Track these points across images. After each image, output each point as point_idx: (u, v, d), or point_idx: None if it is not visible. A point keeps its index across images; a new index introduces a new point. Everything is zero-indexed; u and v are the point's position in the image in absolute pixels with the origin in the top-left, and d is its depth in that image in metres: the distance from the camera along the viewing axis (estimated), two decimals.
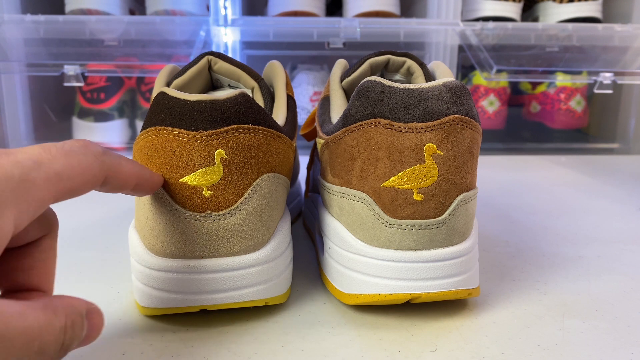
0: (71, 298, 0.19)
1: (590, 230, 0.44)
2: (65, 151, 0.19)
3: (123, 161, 0.22)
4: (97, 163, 0.20)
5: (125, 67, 0.72)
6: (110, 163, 0.21)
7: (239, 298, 0.27)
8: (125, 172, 0.22)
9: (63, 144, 0.19)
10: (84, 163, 0.19)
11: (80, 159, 0.19)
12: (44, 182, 0.17)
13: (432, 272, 0.27)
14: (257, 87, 0.33)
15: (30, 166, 0.17)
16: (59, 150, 0.19)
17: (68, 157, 0.19)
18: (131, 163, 0.23)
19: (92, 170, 0.19)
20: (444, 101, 0.27)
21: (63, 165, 0.18)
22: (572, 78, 0.84)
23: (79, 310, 0.19)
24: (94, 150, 0.20)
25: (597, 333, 0.27)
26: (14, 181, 0.16)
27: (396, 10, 0.84)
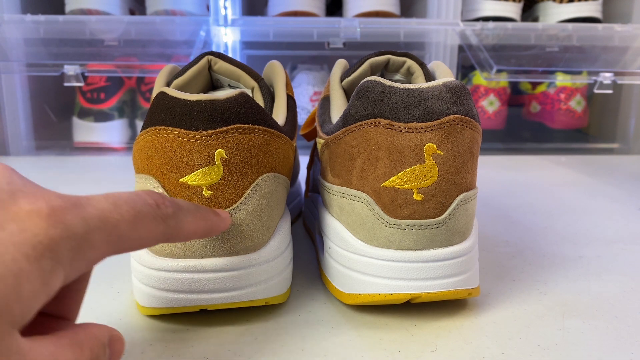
0: (94, 327, 0.19)
1: (590, 230, 0.44)
2: (135, 211, 0.18)
3: (190, 219, 0.21)
4: (161, 227, 0.19)
5: (125, 67, 0.72)
6: (175, 226, 0.20)
7: (239, 298, 0.27)
8: (189, 231, 0.21)
9: (136, 201, 0.18)
10: (149, 227, 0.19)
11: (147, 222, 0.18)
12: (104, 244, 0.17)
13: (432, 272, 0.27)
14: (257, 87, 0.33)
15: (95, 225, 0.17)
16: (129, 210, 0.18)
17: (136, 219, 0.18)
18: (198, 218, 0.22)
19: (154, 234, 0.19)
20: (444, 101, 0.27)
21: (127, 229, 0.18)
22: (572, 78, 0.84)
23: (102, 341, 0.19)
24: (164, 211, 0.19)
25: (597, 333, 0.27)
26: (76, 240, 0.16)
27: (396, 10, 0.84)
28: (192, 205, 0.22)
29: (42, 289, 0.15)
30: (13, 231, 0.15)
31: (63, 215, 0.16)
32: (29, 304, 0.15)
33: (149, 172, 0.26)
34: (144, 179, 0.26)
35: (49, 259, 0.15)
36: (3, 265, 0.14)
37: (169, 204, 0.20)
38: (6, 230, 0.15)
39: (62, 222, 0.16)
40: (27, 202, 0.16)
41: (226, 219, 0.24)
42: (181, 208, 0.21)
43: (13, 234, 0.15)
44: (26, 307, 0.15)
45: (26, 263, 0.15)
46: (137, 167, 0.27)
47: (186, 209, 0.21)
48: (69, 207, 0.16)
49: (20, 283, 0.14)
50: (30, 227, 0.15)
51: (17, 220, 0.15)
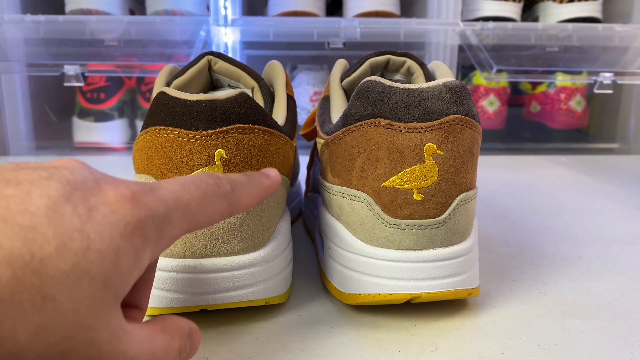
0: (177, 319, 0.20)
1: (590, 230, 0.44)
2: (200, 190, 0.19)
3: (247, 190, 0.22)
4: (225, 203, 0.20)
5: (125, 67, 0.72)
6: (236, 201, 0.21)
7: (239, 298, 0.27)
8: (248, 203, 0.22)
9: (200, 181, 0.20)
10: (215, 204, 0.20)
11: (213, 200, 0.20)
12: (180, 222, 0.18)
13: (432, 272, 0.27)
14: (257, 87, 0.33)
15: (172, 205, 0.18)
16: (197, 189, 0.19)
17: (204, 199, 0.19)
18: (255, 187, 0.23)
19: (220, 211, 0.20)
20: (444, 101, 0.27)
21: (197, 207, 0.19)
22: (572, 78, 0.84)
23: (185, 331, 0.20)
24: (224, 189, 0.20)
25: (597, 333, 0.27)
26: (158, 219, 0.17)
27: (396, 10, 0.84)
28: (245, 177, 0.23)
29: (135, 264, 0.16)
30: (105, 213, 0.16)
31: (144, 198, 0.17)
32: (127, 278, 0.16)
33: (148, 172, 0.26)
34: (143, 179, 0.26)
35: (139, 237, 0.16)
36: (103, 243, 0.15)
37: (226, 182, 0.21)
38: (100, 212, 0.16)
39: (145, 203, 0.17)
40: (111, 187, 0.17)
41: (276, 178, 0.25)
42: (237, 183, 0.22)
43: (106, 215, 0.16)
44: (125, 281, 0.16)
45: (121, 240, 0.16)
46: (137, 167, 0.27)
47: (241, 182, 0.22)
48: (146, 190, 0.18)
49: (119, 258, 0.16)
50: (119, 209, 0.16)
51: (107, 204, 0.16)
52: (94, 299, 0.15)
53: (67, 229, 0.15)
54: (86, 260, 0.15)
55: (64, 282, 0.14)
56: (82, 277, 0.15)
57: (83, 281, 0.15)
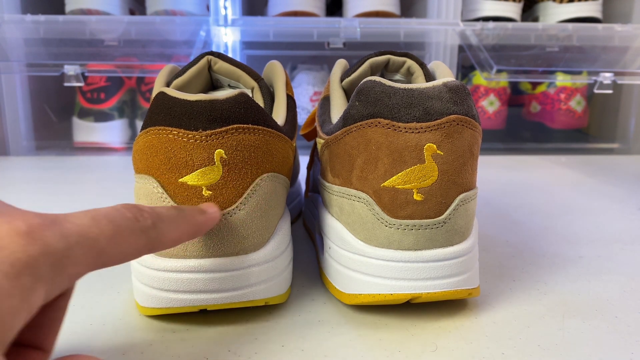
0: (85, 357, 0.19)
1: (590, 230, 0.44)
2: (114, 225, 0.18)
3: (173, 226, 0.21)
4: (143, 240, 0.19)
5: (125, 67, 0.72)
6: (156, 237, 0.20)
7: (239, 298, 0.27)
8: (173, 238, 0.21)
9: (114, 215, 0.19)
10: (129, 240, 0.19)
11: (126, 235, 0.19)
12: (83, 259, 0.17)
13: (432, 272, 0.27)
14: (257, 87, 0.33)
15: (75, 241, 0.17)
16: (108, 224, 0.18)
17: (115, 233, 0.18)
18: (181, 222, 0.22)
19: (135, 247, 0.19)
20: (444, 101, 0.27)
21: (107, 242, 0.18)
22: (572, 78, 0.84)
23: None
24: (143, 224, 0.19)
25: (597, 333, 0.27)
26: (55, 257, 0.16)
27: (396, 10, 0.84)
28: (174, 212, 0.22)
29: (22, 306, 0.15)
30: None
31: (41, 232, 0.16)
32: (10, 321, 0.15)
33: (148, 172, 0.26)
34: (143, 179, 0.26)
35: (28, 275, 0.15)
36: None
37: (147, 216, 0.20)
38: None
39: (41, 238, 0.16)
40: (4, 221, 0.16)
41: (213, 215, 0.24)
42: (161, 218, 0.21)
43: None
44: (7, 324, 0.15)
45: (5, 281, 0.14)
46: (136, 167, 0.27)
47: (167, 218, 0.21)
48: (47, 224, 0.16)
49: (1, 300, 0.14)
50: (8, 245, 0.15)
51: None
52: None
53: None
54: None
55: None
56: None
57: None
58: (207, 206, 0.25)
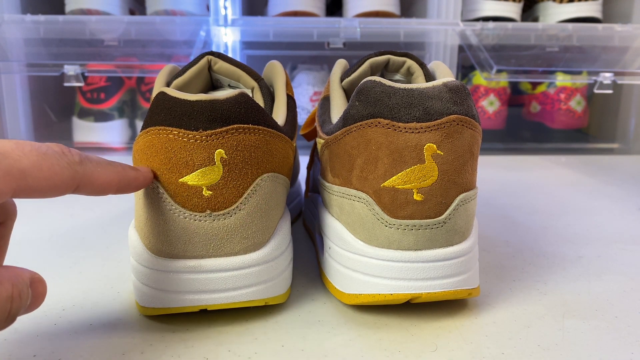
0: (16, 268, 0.19)
1: (590, 230, 0.44)
2: (39, 152, 0.19)
3: (101, 169, 0.22)
4: (68, 171, 0.20)
5: (125, 67, 0.72)
6: (83, 172, 0.21)
7: (239, 298, 0.27)
8: (101, 180, 0.22)
9: (40, 145, 0.19)
10: (55, 168, 0.19)
11: (52, 163, 0.19)
12: (3, 174, 0.18)
13: (432, 272, 0.27)
14: (257, 87, 0.33)
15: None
16: (33, 150, 0.19)
17: (39, 158, 0.19)
18: (111, 170, 0.22)
19: (61, 176, 0.19)
20: (444, 101, 0.27)
21: (31, 164, 0.18)
22: (572, 78, 0.84)
23: (24, 279, 0.19)
24: (70, 158, 0.20)
25: (597, 333, 0.27)
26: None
27: (396, 10, 0.84)
28: (105, 160, 0.23)
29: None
30: None
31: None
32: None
33: None
34: None
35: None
36: None
37: (75, 154, 0.21)
38: None
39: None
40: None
41: (145, 173, 0.24)
42: (90, 158, 0.21)
43: None
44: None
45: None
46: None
47: (95, 160, 0.22)
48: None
49: None
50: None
51: None
52: None
53: None
54: None
55: None
56: None
57: None
58: (141, 167, 0.25)
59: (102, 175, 0.22)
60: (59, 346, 0.26)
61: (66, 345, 0.26)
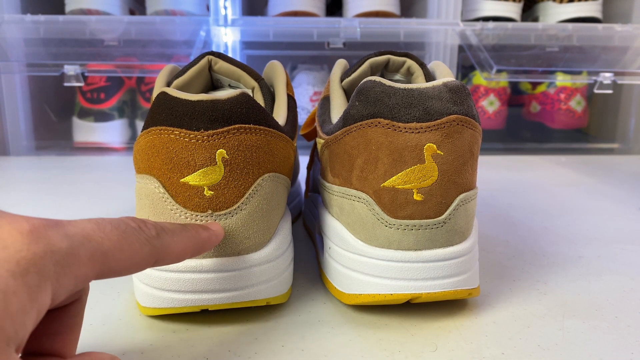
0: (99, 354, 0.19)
1: (590, 230, 0.44)
2: (119, 231, 0.18)
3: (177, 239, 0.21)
4: (148, 247, 0.19)
5: (125, 67, 0.72)
6: (161, 246, 0.20)
7: (240, 298, 0.27)
8: (178, 251, 0.21)
9: (119, 223, 0.19)
10: (135, 247, 0.19)
11: (132, 241, 0.19)
12: (89, 260, 0.17)
13: (432, 272, 0.27)
14: (258, 87, 0.33)
15: (79, 242, 0.17)
16: (113, 230, 0.18)
17: (120, 239, 0.18)
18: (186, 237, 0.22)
19: (141, 255, 0.19)
20: (444, 101, 0.27)
21: (112, 246, 0.18)
22: (572, 78, 0.84)
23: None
24: (148, 233, 0.20)
25: (597, 333, 0.27)
26: (60, 255, 0.16)
27: (396, 10, 0.84)
28: (178, 226, 0.22)
29: (30, 304, 0.15)
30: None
31: (44, 232, 0.16)
32: (20, 320, 0.15)
33: (150, 172, 0.26)
34: (145, 179, 0.26)
35: (34, 273, 0.15)
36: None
37: (151, 227, 0.20)
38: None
39: (44, 237, 0.16)
40: (5, 222, 0.16)
41: (218, 232, 0.24)
42: (165, 230, 0.21)
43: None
44: (17, 323, 0.15)
45: (11, 279, 0.15)
46: (138, 167, 0.27)
47: (171, 230, 0.21)
48: (50, 225, 0.16)
49: (8, 299, 0.14)
50: (12, 244, 0.15)
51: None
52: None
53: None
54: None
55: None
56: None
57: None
58: (211, 224, 0.25)
59: (178, 245, 0.21)
60: None
61: None
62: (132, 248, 0.19)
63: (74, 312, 0.20)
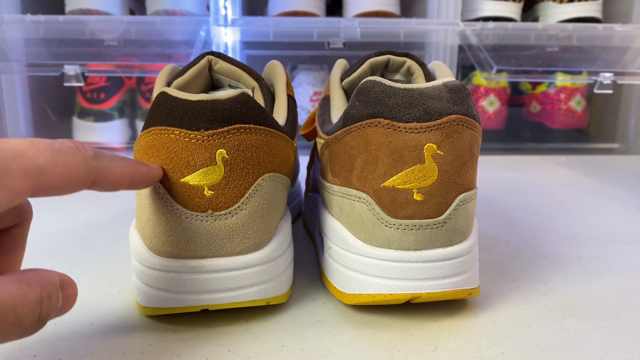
0: (45, 271, 0.19)
1: (590, 230, 0.44)
2: (53, 149, 0.18)
3: (114, 163, 0.22)
4: (84, 166, 0.20)
5: (125, 67, 0.72)
6: (99, 167, 0.20)
7: (240, 298, 0.27)
8: (116, 175, 0.22)
9: (53, 142, 0.19)
10: (70, 164, 0.19)
11: (67, 159, 0.19)
12: (21, 173, 0.17)
13: (432, 272, 0.27)
14: (258, 87, 0.33)
15: (10, 156, 0.17)
16: (47, 147, 0.18)
17: (54, 155, 0.18)
18: (124, 164, 0.22)
19: (77, 172, 0.19)
20: (444, 101, 0.27)
21: (47, 162, 0.18)
22: (572, 78, 0.84)
23: (53, 282, 0.19)
24: (84, 153, 0.20)
25: (597, 333, 0.27)
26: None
27: (396, 10, 0.84)
28: (116, 155, 0.22)
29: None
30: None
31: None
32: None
33: None
34: None
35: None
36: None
37: (89, 148, 0.20)
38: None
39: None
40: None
41: (156, 169, 0.24)
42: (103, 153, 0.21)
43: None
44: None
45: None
46: None
47: (109, 156, 0.21)
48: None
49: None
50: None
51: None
52: None
53: None
54: None
55: None
56: None
57: None
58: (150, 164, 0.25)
59: (116, 169, 0.21)
60: (59, 346, 0.26)
61: (66, 345, 0.26)
62: (67, 165, 0.19)
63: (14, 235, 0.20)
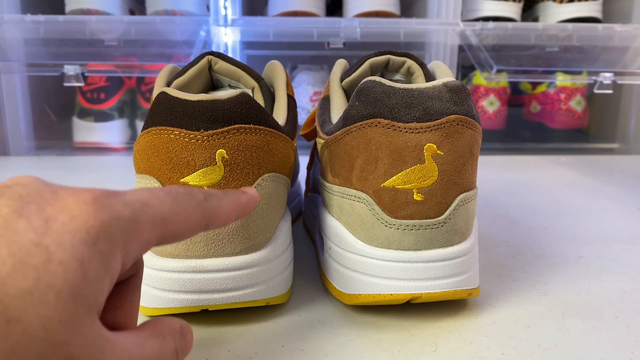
0: (167, 319, 0.19)
1: (590, 230, 0.44)
2: (172, 197, 0.19)
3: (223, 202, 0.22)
4: (199, 211, 0.20)
5: (125, 67, 0.72)
6: (210, 209, 0.20)
7: (240, 298, 0.27)
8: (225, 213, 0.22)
9: (170, 190, 0.19)
10: (188, 210, 0.19)
11: (185, 205, 0.19)
12: (150, 225, 0.17)
13: (432, 272, 0.27)
14: (258, 87, 0.33)
15: (139, 208, 0.17)
16: (166, 195, 0.19)
17: (174, 203, 0.19)
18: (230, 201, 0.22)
19: (195, 218, 0.19)
20: (444, 101, 0.27)
21: (169, 211, 0.18)
22: (572, 78, 0.84)
23: (177, 330, 0.19)
24: (197, 197, 0.20)
25: (597, 333, 0.27)
26: (124, 221, 0.16)
27: (396, 10, 0.84)
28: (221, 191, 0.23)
29: (105, 271, 0.16)
30: (65, 221, 0.15)
31: (107, 200, 0.16)
32: (97, 286, 0.15)
33: (150, 172, 0.26)
34: (144, 179, 0.26)
35: (105, 241, 0.16)
36: (65, 253, 0.15)
37: (198, 191, 0.21)
38: (58, 221, 0.15)
39: (108, 205, 0.16)
40: (69, 194, 0.16)
41: (255, 196, 0.24)
42: (210, 193, 0.21)
43: (65, 223, 0.15)
44: (96, 289, 0.15)
45: (85, 248, 0.15)
46: (137, 167, 0.27)
47: (214, 194, 0.22)
48: (110, 194, 0.17)
49: (85, 267, 0.15)
50: (79, 215, 0.15)
51: (65, 211, 0.15)
52: (64, 312, 0.14)
53: (24, 245, 0.14)
54: (48, 273, 0.14)
55: (28, 300, 0.14)
56: (47, 292, 0.14)
57: (49, 296, 0.14)
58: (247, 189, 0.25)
59: (225, 208, 0.21)
60: None
61: None
62: (186, 212, 0.19)
63: (132, 286, 0.20)
